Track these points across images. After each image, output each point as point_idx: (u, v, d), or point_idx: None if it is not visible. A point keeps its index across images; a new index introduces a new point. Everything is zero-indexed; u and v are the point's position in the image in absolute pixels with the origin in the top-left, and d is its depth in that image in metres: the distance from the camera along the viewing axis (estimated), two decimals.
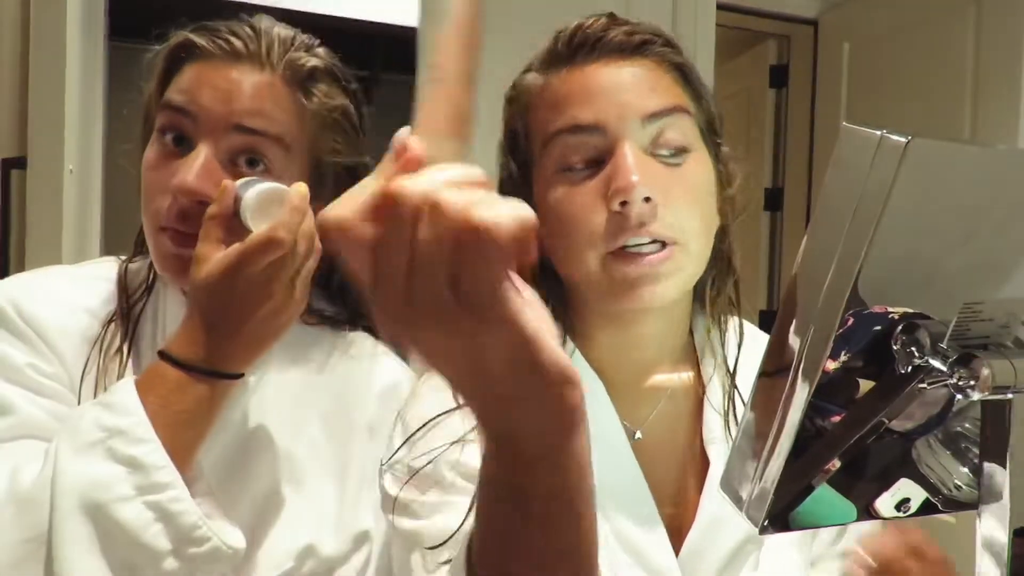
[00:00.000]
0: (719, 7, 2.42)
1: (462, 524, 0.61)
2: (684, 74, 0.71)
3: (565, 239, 0.67)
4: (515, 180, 0.72)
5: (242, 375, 0.68)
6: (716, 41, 2.39)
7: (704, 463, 0.73)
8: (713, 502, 0.71)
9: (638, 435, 0.73)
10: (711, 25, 2.37)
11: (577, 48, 0.68)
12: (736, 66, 3.19)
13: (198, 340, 0.65)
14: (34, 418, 0.69)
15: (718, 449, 0.73)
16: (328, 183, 0.78)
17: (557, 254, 0.69)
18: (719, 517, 0.70)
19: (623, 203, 0.64)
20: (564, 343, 0.71)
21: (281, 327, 0.68)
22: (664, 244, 0.66)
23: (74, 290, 0.78)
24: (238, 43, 0.73)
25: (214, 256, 0.65)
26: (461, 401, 0.53)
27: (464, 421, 0.66)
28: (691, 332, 0.78)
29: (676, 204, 0.66)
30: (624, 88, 0.67)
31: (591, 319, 0.73)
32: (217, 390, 0.66)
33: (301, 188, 0.68)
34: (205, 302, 0.65)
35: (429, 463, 0.66)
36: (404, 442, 0.69)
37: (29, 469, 0.62)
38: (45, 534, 0.59)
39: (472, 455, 0.64)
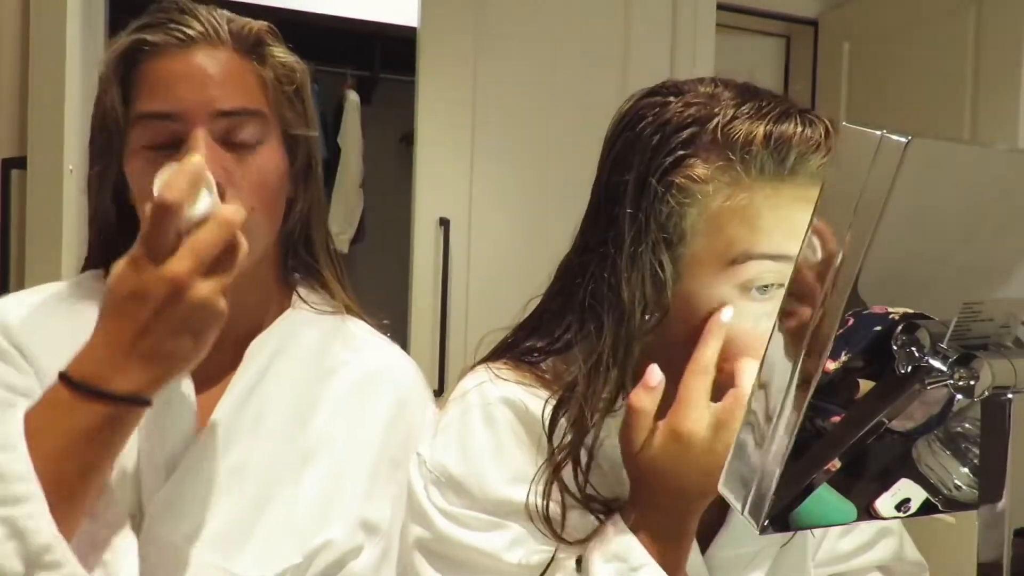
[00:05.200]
0: (719, 7, 2.42)
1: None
2: None
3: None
4: (658, 251, 0.67)
5: (144, 401, 0.61)
6: (716, 41, 2.39)
7: None
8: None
9: None
10: (711, 25, 2.37)
11: (782, 161, 0.65)
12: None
13: (94, 356, 0.60)
14: None
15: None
16: (296, 154, 0.79)
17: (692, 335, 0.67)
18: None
19: None
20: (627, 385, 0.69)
21: (196, 349, 0.62)
22: None
23: (63, 315, 0.75)
24: (190, 29, 0.71)
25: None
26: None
27: (521, 458, 0.70)
28: None
29: None
30: (802, 224, 0.66)
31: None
32: (116, 414, 0.60)
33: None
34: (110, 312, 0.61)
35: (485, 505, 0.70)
36: (459, 464, 0.71)
37: None
38: None
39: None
